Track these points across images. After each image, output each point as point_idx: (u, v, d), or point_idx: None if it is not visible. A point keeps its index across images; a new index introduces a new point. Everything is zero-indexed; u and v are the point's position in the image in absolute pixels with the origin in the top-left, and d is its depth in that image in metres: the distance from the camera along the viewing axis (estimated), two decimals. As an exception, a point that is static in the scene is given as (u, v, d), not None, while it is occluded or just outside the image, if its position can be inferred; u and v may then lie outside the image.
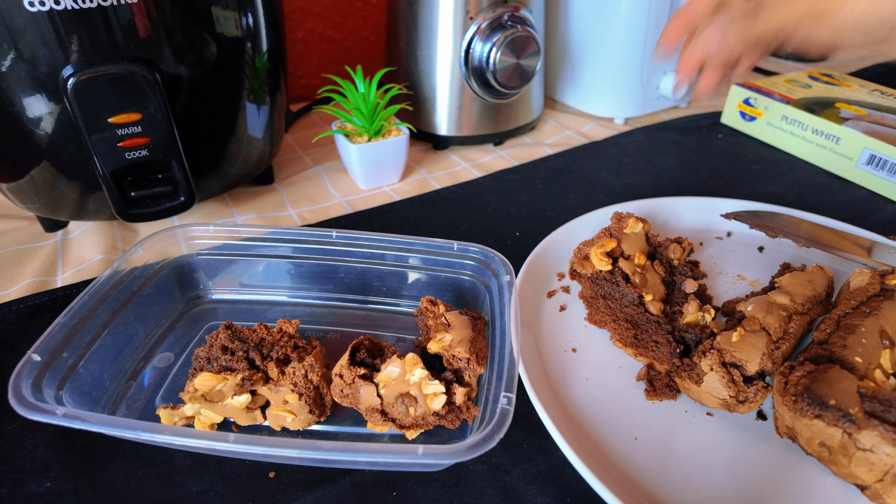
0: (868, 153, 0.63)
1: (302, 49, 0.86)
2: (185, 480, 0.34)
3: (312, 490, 0.34)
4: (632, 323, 0.41)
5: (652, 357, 0.40)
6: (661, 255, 0.46)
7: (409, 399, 0.34)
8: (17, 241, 0.55)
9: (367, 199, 0.63)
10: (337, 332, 0.45)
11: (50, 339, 0.35)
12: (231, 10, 0.46)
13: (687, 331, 0.39)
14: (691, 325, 0.40)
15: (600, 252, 0.42)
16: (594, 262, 0.42)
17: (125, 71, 0.41)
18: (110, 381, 0.39)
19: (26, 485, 0.34)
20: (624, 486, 0.33)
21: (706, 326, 0.40)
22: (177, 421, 0.36)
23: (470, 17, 0.64)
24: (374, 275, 0.46)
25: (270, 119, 0.56)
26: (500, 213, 0.60)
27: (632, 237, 0.44)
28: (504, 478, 0.35)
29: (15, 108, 0.42)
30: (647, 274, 0.43)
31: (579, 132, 0.79)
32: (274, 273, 0.47)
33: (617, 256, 0.43)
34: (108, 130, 0.43)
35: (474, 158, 0.71)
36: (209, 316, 0.46)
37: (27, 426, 0.37)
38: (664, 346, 0.39)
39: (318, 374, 0.35)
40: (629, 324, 0.41)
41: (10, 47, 0.39)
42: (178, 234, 0.45)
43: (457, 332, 0.36)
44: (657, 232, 0.55)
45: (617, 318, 0.42)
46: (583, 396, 0.39)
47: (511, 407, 0.31)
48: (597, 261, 0.42)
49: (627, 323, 0.41)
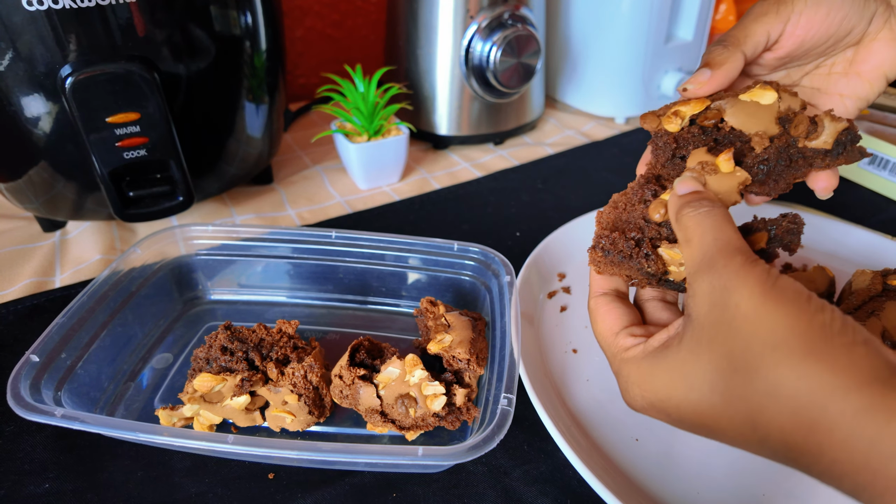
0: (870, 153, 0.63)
1: (301, 48, 0.86)
2: (183, 482, 0.34)
3: (312, 491, 0.33)
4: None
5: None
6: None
7: (409, 400, 0.34)
8: (14, 241, 0.54)
9: (366, 199, 0.62)
10: (336, 332, 0.44)
11: (48, 339, 0.35)
12: (229, 9, 0.46)
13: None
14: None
15: (671, 112, 0.32)
16: (665, 122, 0.32)
17: (123, 70, 0.41)
18: (109, 381, 0.39)
19: (25, 486, 0.34)
20: (625, 487, 0.33)
21: None
22: (175, 422, 0.36)
23: (470, 15, 0.64)
24: (373, 275, 0.46)
25: (269, 118, 0.56)
26: (500, 213, 0.60)
27: (751, 108, 0.31)
28: (504, 479, 0.34)
29: (13, 108, 0.42)
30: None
31: (580, 132, 0.78)
32: (273, 273, 0.47)
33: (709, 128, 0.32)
34: (107, 130, 0.43)
35: (474, 158, 0.71)
36: (208, 316, 0.46)
37: (26, 427, 0.37)
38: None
39: (317, 374, 0.35)
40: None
41: (8, 46, 0.39)
42: (176, 234, 0.45)
43: (457, 333, 0.36)
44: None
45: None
46: (584, 397, 0.39)
47: (511, 408, 0.31)
48: (667, 121, 0.32)
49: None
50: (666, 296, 0.32)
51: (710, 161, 0.30)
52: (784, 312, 0.22)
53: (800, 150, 0.32)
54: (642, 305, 0.32)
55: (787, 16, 0.32)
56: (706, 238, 0.26)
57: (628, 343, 0.29)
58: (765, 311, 0.22)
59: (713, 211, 0.27)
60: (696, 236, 0.26)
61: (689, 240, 0.27)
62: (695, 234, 0.26)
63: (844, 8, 0.32)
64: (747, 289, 0.23)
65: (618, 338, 0.29)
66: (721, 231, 0.26)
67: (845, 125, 0.31)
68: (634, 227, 0.31)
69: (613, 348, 0.29)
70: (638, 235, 0.30)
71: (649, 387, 0.26)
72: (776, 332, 0.22)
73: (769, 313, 0.22)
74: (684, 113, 0.32)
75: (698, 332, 0.24)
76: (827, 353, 0.21)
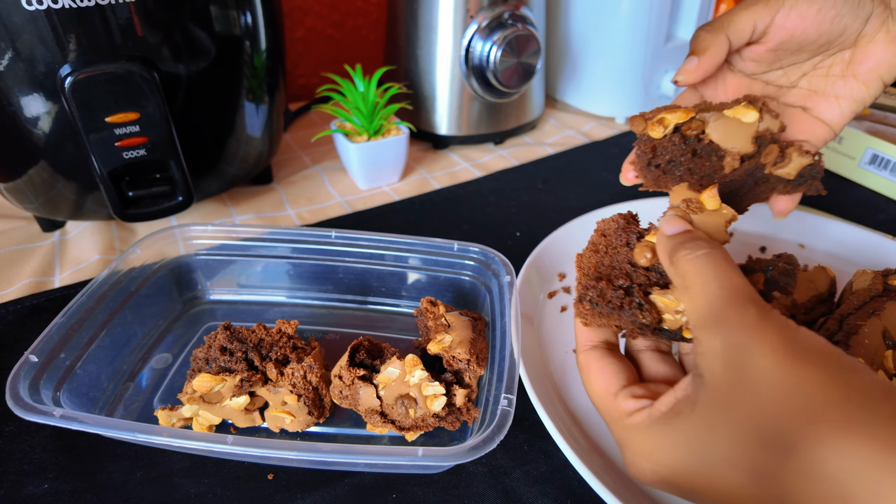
0: (871, 153, 0.63)
1: (301, 48, 0.86)
2: (183, 482, 0.34)
3: (311, 492, 0.33)
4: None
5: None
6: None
7: (409, 400, 0.34)
8: (14, 241, 0.54)
9: (366, 199, 0.62)
10: (336, 332, 0.44)
11: (47, 339, 0.35)
12: (230, 9, 0.46)
13: None
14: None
15: (657, 119, 0.32)
16: (650, 128, 0.32)
17: (123, 70, 0.41)
18: (108, 382, 0.39)
19: (24, 486, 0.34)
20: (625, 487, 0.32)
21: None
22: (175, 422, 0.35)
23: (470, 15, 0.64)
24: (373, 275, 0.46)
25: (269, 118, 0.56)
26: (500, 213, 0.60)
27: (732, 124, 0.32)
28: (505, 480, 0.34)
29: (12, 108, 0.42)
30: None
31: (580, 131, 0.78)
32: (273, 273, 0.47)
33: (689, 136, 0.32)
34: (106, 130, 0.43)
35: (474, 158, 0.71)
36: (207, 316, 0.46)
37: (25, 427, 0.37)
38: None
39: (317, 375, 0.35)
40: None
41: (8, 46, 0.39)
42: (175, 234, 0.44)
43: (457, 333, 0.36)
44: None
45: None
46: (584, 397, 0.39)
47: (511, 408, 0.31)
48: (651, 127, 0.32)
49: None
50: (660, 345, 0.30)
51: (694, 198, 0.29)
52: (816, 377, 0.19)
53: (766, 175, 0.33)
54: (635, 357, 0.30)
55: (777, 8, 0.32)
56: (710, 286, 0.23)
57: (630, 407, 0.26)
58: (793, 375, 0.20)
59: (712, 254, 0.25)
60: (697, 283, 0.24)
61: (689, 287, 0.24)
62: (695, 280, 0.24)
63: (837, 6, 0.32)
64: (768, 348, 0.20)
65: (617, 400, 0.27)
66: (725, 277, 0.23)
67: (810, 161, 0.32)
68: (621, 273, 0.29)
69: (613, 412, 0.26)
70: (626, 283, 0.28)
71: (660, 459, 0.23)
72: (810, 402, 0.19)
73: (799, 378, 0.20)
74: (669, 121, 0.32)
75: (714, 398, 0.21)
76: (873, 427, 0.18)
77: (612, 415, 0.27)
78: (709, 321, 0.22)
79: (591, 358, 0.29)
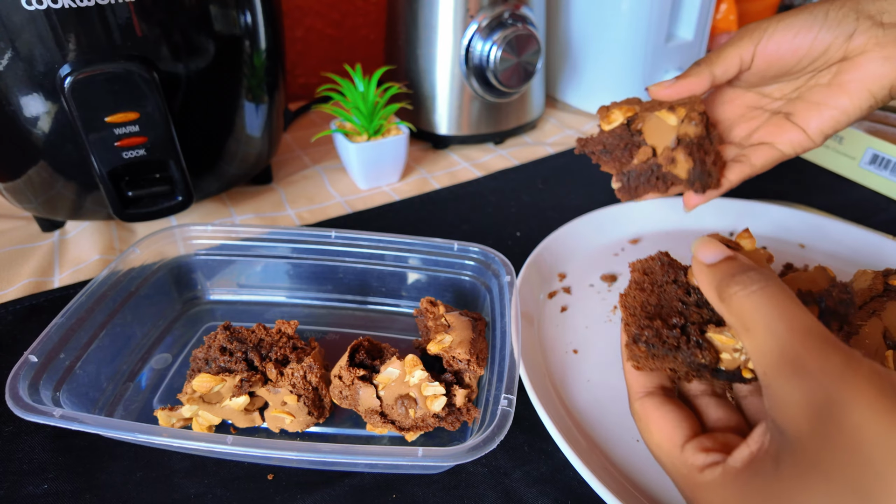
0: (871, 153, 0.63)
1: (300, 47, 0.86)
2: (182, 482, 0.34)
3: (311, 492, 0.33)
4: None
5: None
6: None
7: (409, 401, 0.34)
8: (13, 241, 0.54)
9: (366, 199, 0.62)
10: (336, 332, 0.44)
11: (47, 340, 0.35)
12: (229, 9, 0.46)
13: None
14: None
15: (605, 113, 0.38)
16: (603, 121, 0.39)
17: (123, 70, 0.41)
18: (107, 382, 0.39)
19: (23, 486, 0.34)
20: (625, 488, 0.32)
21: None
22: (174, 422, 0.35)
23: (470, 15, 0.64)
24: (373, 275, 0.46)
25: (269, 118, 0.56)
26: (500, 213, 0.60)
27: (659, 124, 0.37)
28: (505, 480, 0.34)
29: (12, 108, 0.42)
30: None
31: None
32: (272, 273, 0.47)
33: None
34: (106, 130, 0.43)
35: (474, 158, 0.71)
36: (207, 317, 0.46)
37: (24, 428, 0.37)
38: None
39: (316, 375, 0.35)
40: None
41: (8, 46, 0.39)
42: (175, 234, 0.44)
43: (457, 334, 0.36)
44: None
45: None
46: (584, 398, 0.39)
47: (512, 408, 0.31)
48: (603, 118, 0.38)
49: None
50: (715, 388, 0.28)
51: (732, 241, 0.28)
52: None
53: (664, 173, 0.38)
54: (691, 402, 0.28)
55: (759, 37, 0.35)
56: (775, 326, 0.21)
57: (700, 461, 0.24)
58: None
59: (768, 287, 0.22)
60: (759, 324, 0.22)
61: (749, 328, 0.22)
62: (756, 320, 0.22)
63: (814, 28, 0.34)
64: (864, 403, 0.18)
65: (685, 454, 0.24)
66: (792, 316, 0.21)
67: (691, 164, 0.36)
68: (673, 311, 0.27)
69: (682, 467, 0.24)
70: (680, 322, 0.27)
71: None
72: None
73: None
74: (616, 116, 0.38)
75: (802, 456, 0.20)
76: None
77: (679, 469, 0.25)
78: (783, 368, 0.20)
79: (649, 406, 0.27)
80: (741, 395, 0.28)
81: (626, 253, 0.53)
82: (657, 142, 0.37)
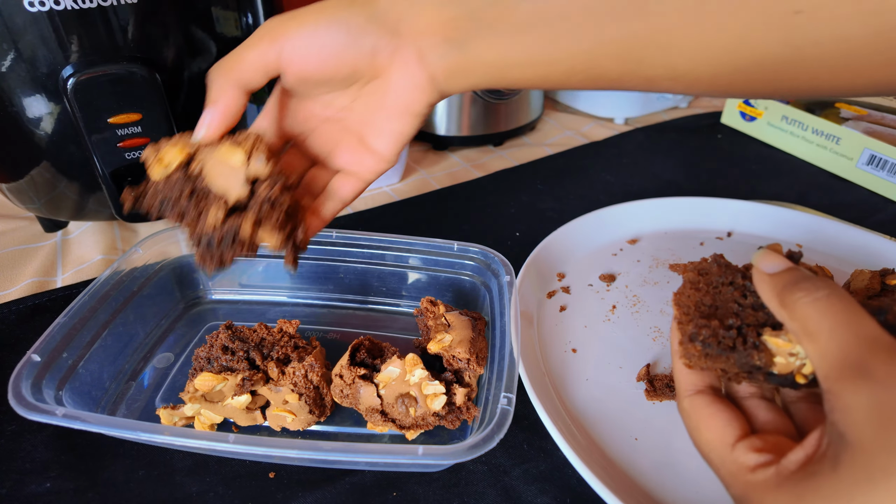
0: (868, 153, 0.63)
1: (302, 49, 0.86)
2: (184, 481, 0.34)
3: (312, 490, 0.34)
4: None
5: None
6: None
7: (410, 399, 0.34)
8: (16, 241, 0.55)
9: (366, 199, 0.63)
10: (337, 332, 0.45)
11: (50, 339, 0.35)
12: (231, 10, 0.46)
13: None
14: None
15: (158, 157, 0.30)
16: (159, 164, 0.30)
17: (125, 71, 0.41)
18: (110, 381, 0.39)
19: (26, 485, 0.34)
20: (624, 486, 0.33)
21: None
22: (177, 421, 0.36)
23: (470, 17, 0.64)
24: (374, 275, 0.46)
25: (270, 119, 0.56)
26: (500, 214, 0.60)
27: (222, 166, 0.29)
28: (504, 478, 0.34)
29: (15, 109, 0.42)
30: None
31: (579, 132, 0.79)
32: (274, 273, 0.47)
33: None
34: (108, 131, 0.43)
35: (474, 159, 0.71)
36: (209, 316, 0.46)
37: (27, 426, 0.37)
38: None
39: (318, 374, 0.35)
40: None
41: (10, 47, 0.39)
42: (177, 234, 0.45)
43: (457, 333, 0.36)
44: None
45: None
46: (583, 397, 0.39)
47: (511, 407, 0.31)
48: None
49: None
50: (764, 391, 0.28)
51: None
52: None
53: (250, 237, 0.30)
54: (739, 403, 0.28)
55: (283, 43, 0.30)
56: (840, 332, 0.21)
57: (752, 461, 0.23)
58: None
59: (834, 295, 0.22)
60: (823, 329, 0.22)
61: (812, 333, 0.22)
62: (821, 326, 0.22)
63: (337, 42, 0.30)
64: None
65: (735, 453, 0.24)
66: (858, 323, 0.21)
67: (285, 232, 0.31)
68: (729, 312, 0.27)
69: (732, 466, 0.24)
70: (737, 323, 0.27)
71: None
72: None
73: None
74: (168, 161, 0.30)
75: (864, 461, 0.19)
76: None
77: (729, 468, 0.24)
78: (847, 373, 0.20)
79: (699, 405, 0.27)
80: (788, 399, 0.28)
81: (625, 253, 0.53)
82: (226, 187, 0.30)
